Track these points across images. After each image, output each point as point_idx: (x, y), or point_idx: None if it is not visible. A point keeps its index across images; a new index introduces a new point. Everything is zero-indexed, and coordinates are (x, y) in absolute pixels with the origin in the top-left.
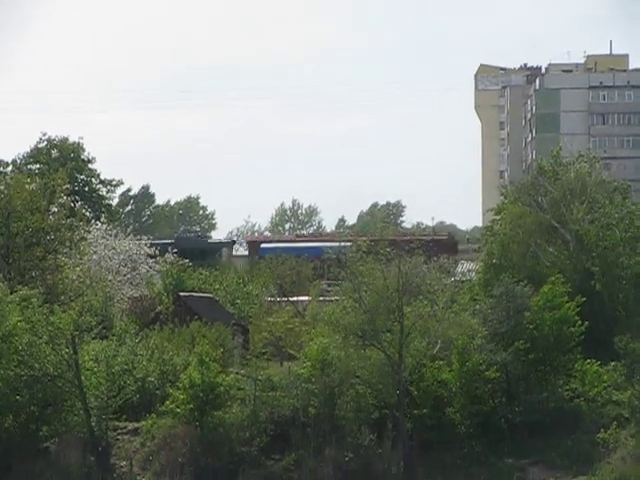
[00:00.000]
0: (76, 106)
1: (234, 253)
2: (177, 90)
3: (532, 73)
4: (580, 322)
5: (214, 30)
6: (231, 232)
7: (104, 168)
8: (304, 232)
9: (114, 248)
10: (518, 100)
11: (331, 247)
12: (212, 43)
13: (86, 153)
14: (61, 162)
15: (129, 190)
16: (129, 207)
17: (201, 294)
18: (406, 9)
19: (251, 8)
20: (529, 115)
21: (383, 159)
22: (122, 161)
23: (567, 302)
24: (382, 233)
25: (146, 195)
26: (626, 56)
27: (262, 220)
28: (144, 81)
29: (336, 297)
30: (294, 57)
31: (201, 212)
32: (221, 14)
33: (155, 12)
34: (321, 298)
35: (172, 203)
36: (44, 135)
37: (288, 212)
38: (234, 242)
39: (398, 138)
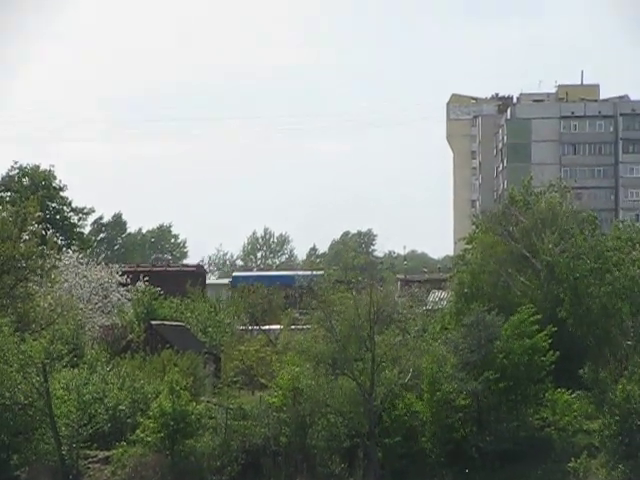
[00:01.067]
0: (47, 135)
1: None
2: (145, 119)
3: (504, 103)
4: (551, 351)
5: (175, 54)
6: (202, 260)
7: (75, 196)
8: (276, 261)
9: (85, 276)
10: (489, 130)
11: (303, 276)
12: (176, 68)
13: (57, 181)
14: (32, 190)
15: (101, 218)
16: (101, 235)
17: (172, 322)
18: (379, 37)
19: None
20: (500, 145)
21: (355, 187)
22: (94, 190)
23: (538, 331)
24: (354, 262)
25: (118, 223)
26: (597, 86)
27: (234, 249)
28: (113, 110)
29: (308, 326)
30: (264, 83)
31: (173, 240)
32: (185, 39)
33: (122, 41)
34: (293, 327)
35: (144, 231)
36: (15, 163)
37: (260, 240)
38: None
39: (371, 166)
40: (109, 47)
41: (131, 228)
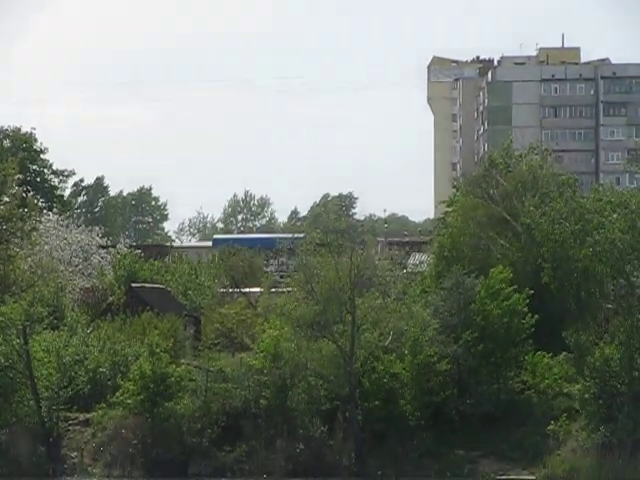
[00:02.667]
0: (29, 97)
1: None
2: (133, 82)
3: (484, 66)
4: (530, 314)
5: (166, 17)
6: (182, 223)
7: (57, 159)
8: (256, 223)
9: (66, 239)
10: (470, 92)
11: (284, 238)
12: (164, 32)
13: (38, 143)
14: (13, 152)
15: (82, 181)
16: (82, 198)
17: (153, 285)
18: (361, 0)
19: None
20: (481, 107)
21: (336, 150)
22: (75, 152)
23: (516, 293)
24: (334, 225)
25: (99, 186)
26: (578, 49)
27: (214, 211)
28: (97, 73)
29: (289, 288)
30: (244, 48)
31: (153, 203)
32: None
33: (105, 7)
34: (273, 290)
35: (125, 194)
36: None
37: (241, 203)
38: None
39: (351, 129)
40: (92, 13)
41: (112, 191)
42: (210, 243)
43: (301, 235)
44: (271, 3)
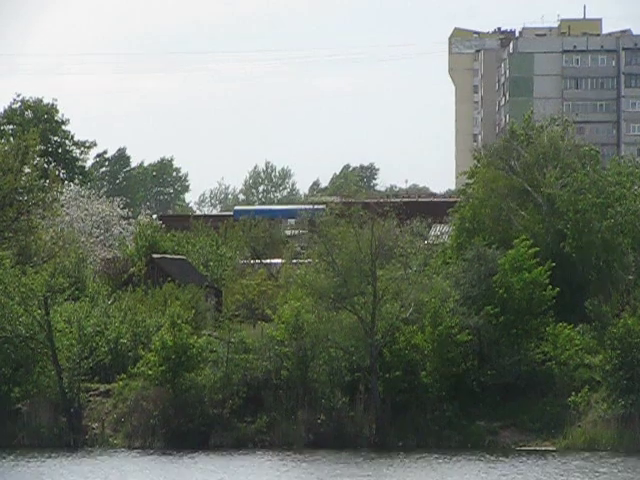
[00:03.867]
0: (51, 68)
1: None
2: (153, 53)
3: (506, 37)
4: (551, 286)
5: None
6: (203, 194)
7: (78, 130)
8: (277, 195)
9: (87, 210)
10: (492, 64)
11: (305, 210)
12: (187, 5)
13: (60, 114)
14: (35, 123)
15: (105, 152)
16: (104, 169)
17: (174, 256)
18: None
19: None
20: (502, 79)
21: (357, 121)
22: (97, 123)
23: (537, 265)
24: (355, 196)
25: (122, 157)
26: (599, 20)
27: (235, 182)
28: (121, 44)
29: (309, 260)
30: (266, 18)
31: (174, 174)
32: None
33: None
34: (294, 261)
35: (146, 165)
36: (18, 96)
37: (262, 174)
38: None
39: (372, 101)
40: None
41: (133, 162)
42: (231, 214)
43: (322, 206)
44: None
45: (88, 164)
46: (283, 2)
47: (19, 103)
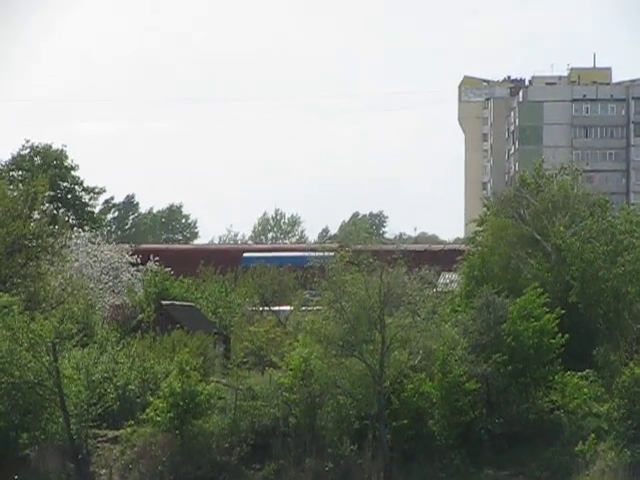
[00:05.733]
0: (59, 115)
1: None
2: (163, 98)
3: (516, 85)
4: (560, 334)
5: (194, 36)
6: (212, 240)
7: (87, 176)
8: (287, 242)
9: (96, 256)
10: (501, 112)
11: (314, 257)
12: (192, 49)
13: (69, 160)
14: (44, 169)
15: (112, 198)
16: (112, 215)
17: (183, 303)
18: (390, 20)
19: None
20: (512, 127)
21: (366, 169)
22: (105, 169)
23: (546, 313)
24: (365, 243)
25: (130, 203)
26: (609, 69)
27: (244, 229)
28: (126, 89)
29: (318, 307)
30: (276, 63)
31: (183, 220)
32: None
33: (139, 18)
34: (303, 308)
35: (155, 211)
36: (27, 142)
37: (271, 221)
38: None
39: (382, 148)
40: (120, 28)
41: (142, 208)
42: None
43: (331, 253)
44: (300, 21)
45: (97, 210)
46: (295, 48)
47: (28, 149)
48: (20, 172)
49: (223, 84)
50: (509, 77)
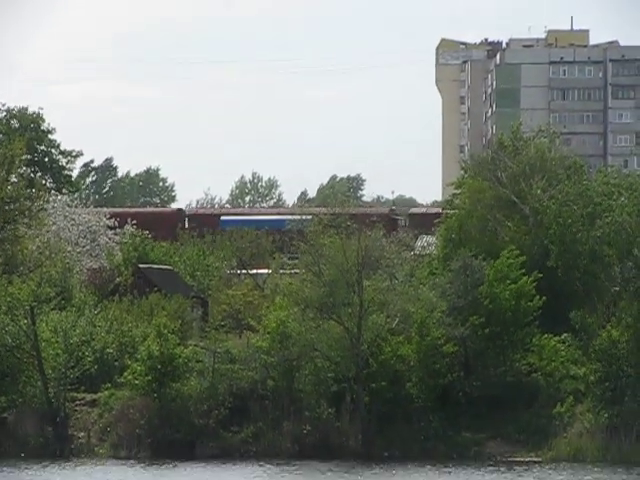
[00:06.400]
0: (35, 77)
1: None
2: (139, 61)
3: (493, 48)
4: (537, 297)
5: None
6: (189, 204)
7: (64, 140)
8: (264, 205)
9: (73, 219)
10: (479, 75)
11: (293, 220)
12: (172, 14)
13: (46, 124)
14: (20, 132)
15: (92, 162)
16: (90, 179)
17: (161, 266)
18: None
19: None
20: (489, 90)
21: (343, 132)
22: (83, 132)
23: (523, 276)
24: (343, 206)
25: (108, 167)
26: (587, 32)
27: (222, 192)
28: (106, 53)
29: (296, 270)
30: (251, 28)
31: (161, 184)
32: None
33: None
34: (281, 271)
35: (132, 175)
36: (3, 105)
37: (248, 185)
38: None
39: (359, 110)
40: None
41: (120, 172)
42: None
43: (309, 217)
44: None
45: (75, 174)
46: (268, 14)
47: (4, 112)
48: None
49: (200, 48)
50: (486, 40)
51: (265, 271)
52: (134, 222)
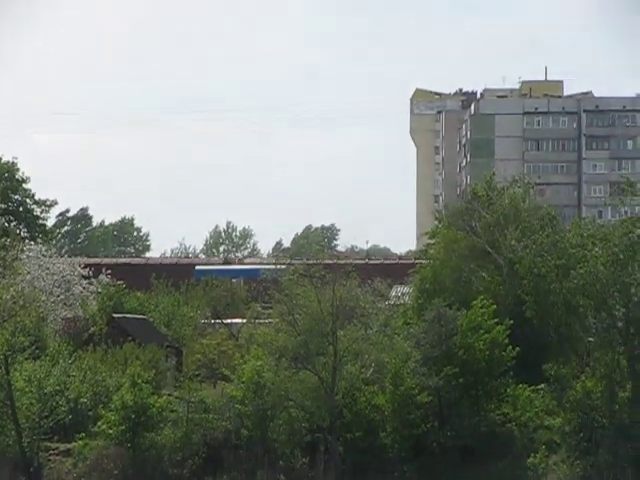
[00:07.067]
0: (11, 126)
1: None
2: (117, 111)
3: (467, 98)
4: (511, 347)
5: (159, 49)
6: (164, 253)
7: (39, 189)
8: (239, 254)
9: (48, 268)
10: (453, 125)
11: (267, 270)
12: (148, 63)
13: (20, 173)
14: None
15: (67, 211)
16: (65, 228)
17: (135, 316)
18: (343, 33)
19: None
20: (464, 140)
21: (318, 182)
22: (57, 181)
23: (497, 325)
24: (317, 256)
25: (84, 217)
26: (561, 82)
27: (196, 242)
28: (82, 103)
29: (270, 320)
30: (226, 79)
31: (135, 233)
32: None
33: (101, 32)
34: (255, 320)
35: (106, 224)
36: None
37: (222, 234)
38: None
39: (332, 161)
40: (79, 42)
41: (94, 221)
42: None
43: (284, 266)
44: (258, 33)
45: (50, 223)
46: (244, 63)
47: None
48: None
49: (171, 97)
50: (461, 90)
51: (239, 320)
52: (108, 272)
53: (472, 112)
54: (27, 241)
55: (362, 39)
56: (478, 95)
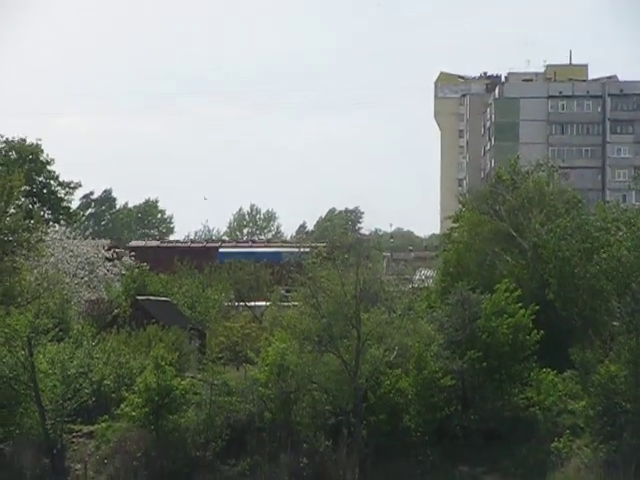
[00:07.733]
0: (37, 109)
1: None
2: (138, 94)
3: (492, 82)
4: (535, 331)
5: (177, 35)
6: (188, 236)
7: (64, 171)
8: (262, 237)
9: (72, 251)
10: (477, 108)
11: (291, 253)
12: (173, 47)
13: (45, 155)
14: (19, 164)
15: (91, 193)
16: (90, 210)
17: (159, 298)
18: (367, 16)
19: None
20: (488, 124)
21: (342, 165)
22: (82, 164)
23: (521, 309)
24: (341, 239)
25: (107, 199)
26: (585, 66)
27: (220, 225)
28: (107, 85)
29: (294, 303)
30: (253, 62)
31: (159, 215)
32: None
33: (119, 15)
34: (279, 303)
35: (130, 206)
36: (2, 137)
37: (246, 217)
38: None
39: (358, 145)
40: (105, 25)
41: (118, 203)
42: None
43: (307, 249)
44: (276, 20)
45: (74, 205)
46: (270, 48)
47: (3, 143)
48: None
49: (202, 81)
50: (485, 73)
51: (263, 303)
52: (132, 254)
53: (497, 95)
54: (51, 223)
55: (386, 22)
56: (502, 79)
